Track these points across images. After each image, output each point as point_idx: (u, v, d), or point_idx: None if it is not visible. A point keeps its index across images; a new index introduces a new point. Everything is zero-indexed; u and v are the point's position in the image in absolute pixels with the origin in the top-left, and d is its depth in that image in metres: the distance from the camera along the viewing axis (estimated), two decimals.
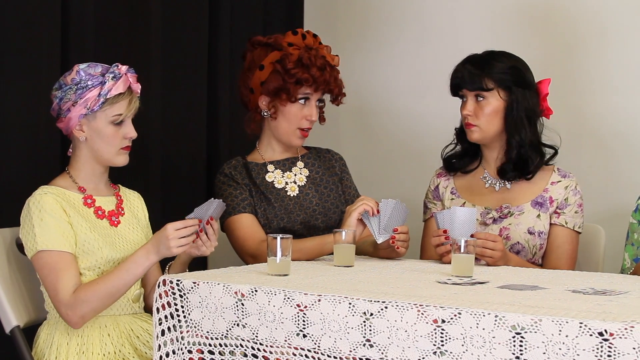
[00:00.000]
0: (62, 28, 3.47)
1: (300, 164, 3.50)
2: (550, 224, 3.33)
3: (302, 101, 3.38)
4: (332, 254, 3.02)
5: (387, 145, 4.63)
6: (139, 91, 2.98)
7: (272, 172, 3.45)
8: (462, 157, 3.47)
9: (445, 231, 3.06)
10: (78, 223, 2.87)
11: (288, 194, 3.41)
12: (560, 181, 3.36)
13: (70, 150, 3.00)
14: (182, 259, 3.01)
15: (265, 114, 3.42)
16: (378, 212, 3.10)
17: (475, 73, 3.31)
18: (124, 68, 2.93)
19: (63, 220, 2.83)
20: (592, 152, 4.11)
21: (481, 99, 3.31)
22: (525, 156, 3.33)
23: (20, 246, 2.95)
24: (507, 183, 3.39)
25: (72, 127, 2.91)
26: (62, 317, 2.80)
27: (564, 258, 3.32)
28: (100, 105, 2.87)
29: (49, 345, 2.86)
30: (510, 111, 3.32)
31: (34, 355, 2.87)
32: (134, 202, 3.12)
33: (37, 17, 3.38)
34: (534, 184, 3.37)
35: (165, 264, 3.06)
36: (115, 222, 2.98)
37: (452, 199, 3.43)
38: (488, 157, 3.43)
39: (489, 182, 3.41)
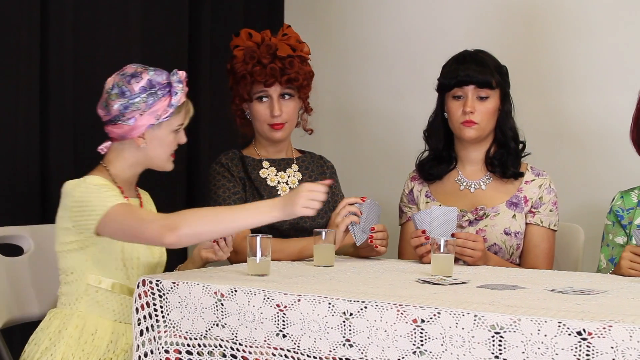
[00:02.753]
0: (41, 28, 3.46)
1: (295, 166, 3.49)
2: (526, 224, 3.34)
3: (264, 99, 3.39)
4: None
5: (366, 145, 4.63)
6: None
7: (267, 168, 3.45)
8: (439, 164, 3.46)
9: (424, 231, 3.06)
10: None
11: (279, 193, 3.41)
12: (534, 180, 3.37)
13: (103, 149, 2.94)
14: (196, 263, 2.96)
15: (248, 115, 3.45)
16: (361, 213, 3.11)
17: (485, 71, 3.31)
18: (183, 74, 2.91)
19: (115, 189, 2.81)
20: (569, 151, 4.13)
21: (484, 97, 3.31)
22: (516, 150, 3.37)
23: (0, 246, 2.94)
24: (482, 184, 3.40)
25: (134, 135, 2.86)
26: (154, 237, 2.64)
27: (542, 257, 3.33)
28: (169, 115, 2.86)
29: (60, 333, 2.78)
30: (507, 110, 3.37)
31: (34, 344, 2.82)
32: (148, 201, 3.10)
33: (15, 17, 3.36)
34: (508, 184, 3.38)
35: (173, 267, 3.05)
36: None
37: (427, 202, 3.43)
38: (465, 158, 3.43)
39: (464, 184, 3.42)
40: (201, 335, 2.48)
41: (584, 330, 1.99)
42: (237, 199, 3.34)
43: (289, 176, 3.46)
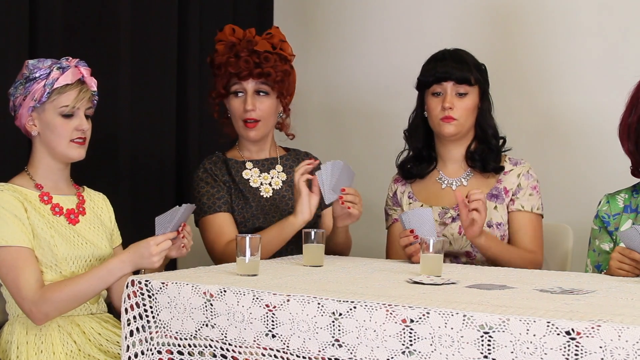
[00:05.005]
0: (30, 27, 3.45)
1: (279, 167, 3.48)
2: (508, 213, 3.34)
3: (239, 94, 3.38)
4: (293, 240, 3.11)
5: (354, 145, 4.63)
6: (94, 85, 2.96)
7: (250, 169, 3.44)
8: (420, 163, 3.46)
9: (412, 231, 3.06)
10: (35, 218, 2.85)
11: (262, 194, 3.40)
12: (512, 169, 3.38)
13: None
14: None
15: (229, 113, 3.45)
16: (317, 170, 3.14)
17: (463, 68, 3.33)
18: (74, 61, 2.92)
19: (21, 215, 2.81)
20: (558, 151, 4.14)
21: (463, 93, 3.32)
22: (497, 146, 3.39)
23: None
24: (463, 180, 3.40)
25: (25, 122, 2.90)
26: (25, 313, 2.79)
27: (526, 240, 3.32)
28: (47, 96, 2.86)
29: (10, 344, 2.83)
30: (487, 109, 3.39)
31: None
32: (98, 204, 3.10)
33: (4, 16, 3.35)
34: (489, 177, 3.38)
35: None
36: (74, 221, 2.96)
37: (410, 203, 3.44)
38: (445, 156, 3.43)
39: (445, 182, 3.42)
40: (191, 335, 2.48)
41: (573, 330, 2.00)
42: (222, 204, 3.34)
43: (272, 177, 3.45)
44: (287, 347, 2.33)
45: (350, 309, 2.25)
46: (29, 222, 2.82)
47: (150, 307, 2.54)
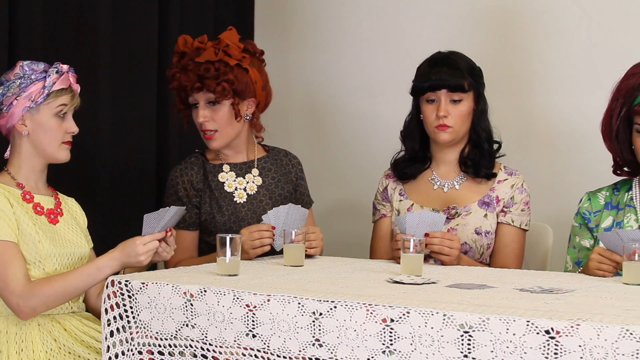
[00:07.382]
0: (10, 28, 3.43)
1: (255, 170, 3.44)
2: (497, 223, 3.36)
3: (197, 106, 3.34)
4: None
5: (337, 145, 4.63)
6: (78, 91, 3.00)
7: (227, 172, 3.42)
8: (414, 163, 3.46)
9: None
10: (21, 214, 2.85)
11: (235, 199, 3.38)
12: (506, 179, 3.39)
13: (8, 153, 2.99)
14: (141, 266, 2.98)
15: None
16: (274, 228, 3.14)
17: (456, 74, 3.32)
18: (65, 67, 2.96)
19: (7, 210, 2.82)
20: (539, 151, 4.15)
21: (457, 100, 3.32)
22: (490, 150, 3.39)
23: None
24: (455, 184, 3.41)
25: (14, 122, 2.90)
26: (12, 308, 2.78)
27: (512, 257, 3.34)
28: (45, 97, 2.89)
29: None
30: (481, 110, 3.38)
31: None
32: (72, 207, 3.12)
33: None
34: (481, 184, 3.39)
35: None
36: (54, 220, 2.97)
37: (401, 200, 3.44)
38: (439, 159, 3.43)
39: (438, 183, 3.42)
40: (171, 335, 2.47)
41: (552, 329, 2.01)
42: (184, 220, 3.32)
43: (247, 182, 3.41)
44: (268, 347, 2.33)
45: (331, 309, 2.25)
46: (14, 217, 2.82)
47: (131, 308, 2.53)
